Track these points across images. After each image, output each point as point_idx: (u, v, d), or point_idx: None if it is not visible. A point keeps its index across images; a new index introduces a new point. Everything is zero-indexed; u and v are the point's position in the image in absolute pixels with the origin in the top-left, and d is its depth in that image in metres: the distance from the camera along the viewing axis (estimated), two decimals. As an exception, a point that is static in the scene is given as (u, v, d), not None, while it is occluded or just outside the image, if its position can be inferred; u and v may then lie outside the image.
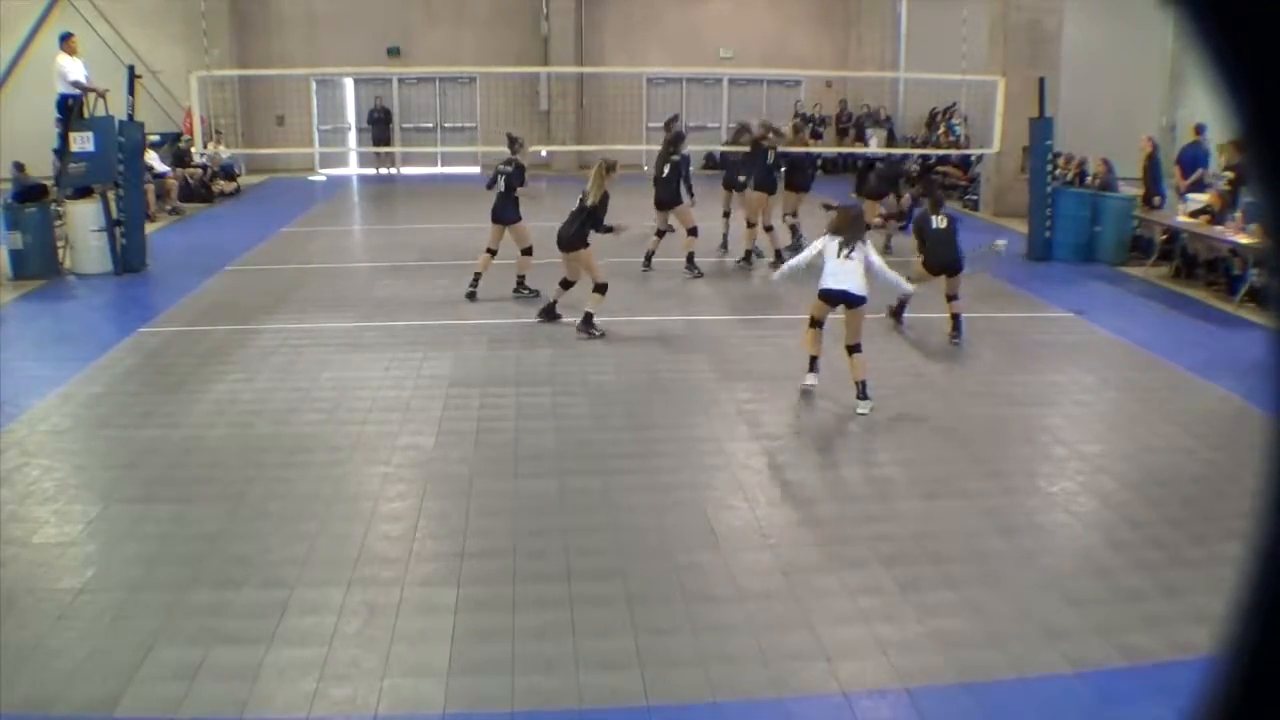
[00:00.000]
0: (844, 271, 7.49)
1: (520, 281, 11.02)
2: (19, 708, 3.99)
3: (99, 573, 5.15)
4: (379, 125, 22.06)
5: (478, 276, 10.84)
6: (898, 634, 4.59)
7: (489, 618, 4.71)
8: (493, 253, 10.90)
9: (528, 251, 10.83)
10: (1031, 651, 4.48)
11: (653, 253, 12.29)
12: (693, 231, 12.08)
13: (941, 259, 9.35)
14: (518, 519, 5.77)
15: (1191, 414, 7.66)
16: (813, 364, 7.79)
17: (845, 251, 7.52)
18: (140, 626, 4.59)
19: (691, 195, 12.26)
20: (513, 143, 11.00)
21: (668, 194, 12.16)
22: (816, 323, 7.74)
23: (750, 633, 4.59)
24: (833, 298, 7.57)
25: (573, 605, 4.78)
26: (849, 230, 7.59)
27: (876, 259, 7.67)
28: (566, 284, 9.89)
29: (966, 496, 6.12)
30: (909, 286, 8.56)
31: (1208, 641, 4.27)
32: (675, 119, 14.08)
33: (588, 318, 9.41)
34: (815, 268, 7.78)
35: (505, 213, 10.76)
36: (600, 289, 9.42)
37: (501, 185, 10.78)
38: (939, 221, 9.51)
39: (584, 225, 9.50)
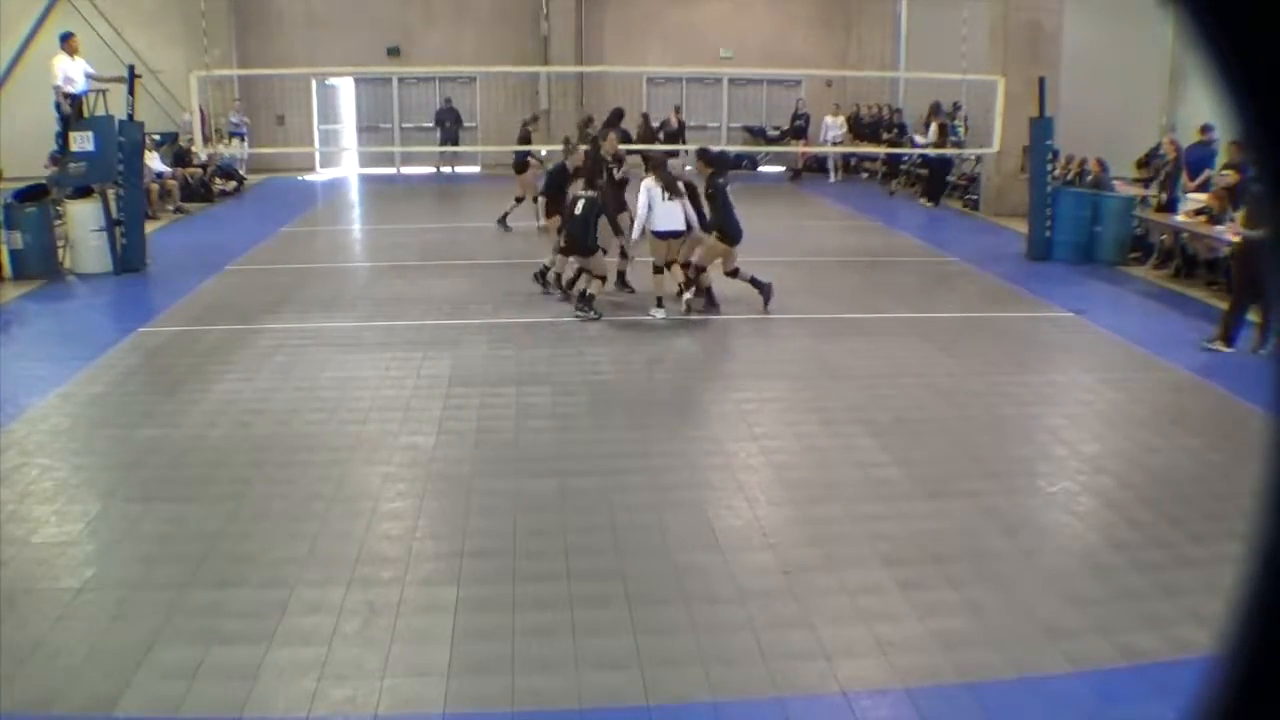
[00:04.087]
0: (671, 212, 9.75)
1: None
2: (19, 707, 3.99)
3: (99, 572, 5.15)
4: (446, 126, 21.96)
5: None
6: (898, 634, 4.59)
7: (489, 618, 4.71)
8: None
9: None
10: (1031, 651, 4.48)
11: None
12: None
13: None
14: (518, 519, 5.77)
15: (1191, 414, 7.66)
16: (659, 301, 9.92)
17: (667, 195, 9.68)
18: (140, 626, 4.59)
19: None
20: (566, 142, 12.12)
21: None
22: (659, 269, 9.87)
23: (750, 633, 4.58)
24: (665, 236, 9.80)
25: (573, 605, 4.78)
26: (665, 176, 9.76)
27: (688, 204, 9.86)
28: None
29: (966, 496, 6.11)
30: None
31: (1208, 641, 4.28)
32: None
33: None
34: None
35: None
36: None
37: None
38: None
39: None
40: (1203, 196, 12.66)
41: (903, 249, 14.47)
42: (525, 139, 15.24)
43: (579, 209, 9.92)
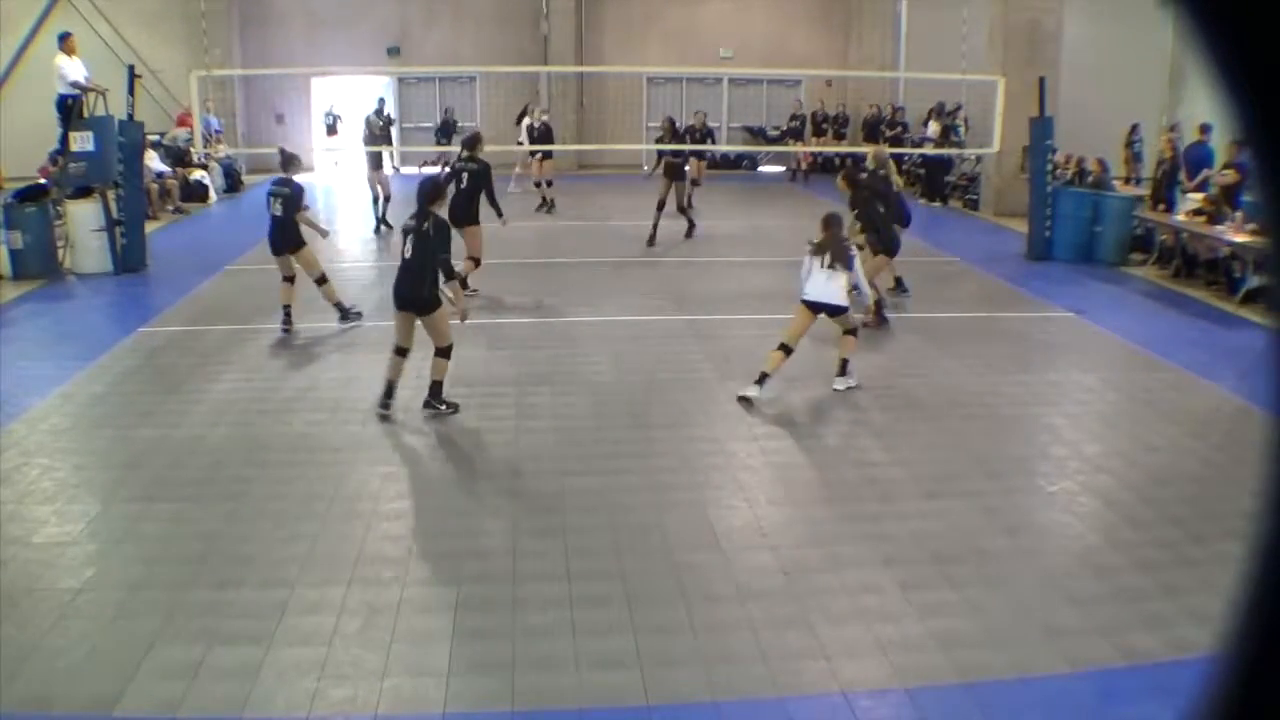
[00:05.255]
0: (827, 284, 7.75)
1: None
2: (19, 707, 4.00)
3: (99, 572, 5.15)
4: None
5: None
6: (898, 634, 4.59)
7: (489, 617, 4.71)
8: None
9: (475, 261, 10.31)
10: (1031, 651, 4.49)
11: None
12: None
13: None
14: (518, 519, 5.77)
15: (1191, 414, 7.66)
16: (763, 379, 7.73)
17: (827, 264, 7.74)
18: (140, 626, 4.59)
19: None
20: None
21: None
22: (786, 348, 7.79)
23: (750, 633, 4.59)
24: (815, 308, 7.84)
25: (573, 605, 4.78)
26: (831, 248, 7.78)
27: (858, 269, 7.94)
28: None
29: (966, 496, 6.12)
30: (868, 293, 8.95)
31: (1208, 641, 4.28)
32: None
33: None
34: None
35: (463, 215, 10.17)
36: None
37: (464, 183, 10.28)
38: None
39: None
40: (1199, 196, 12.67)
41: (902, 249, 14.44)
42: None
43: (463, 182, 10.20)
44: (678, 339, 9.57)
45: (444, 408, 7.37)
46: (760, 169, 22.97)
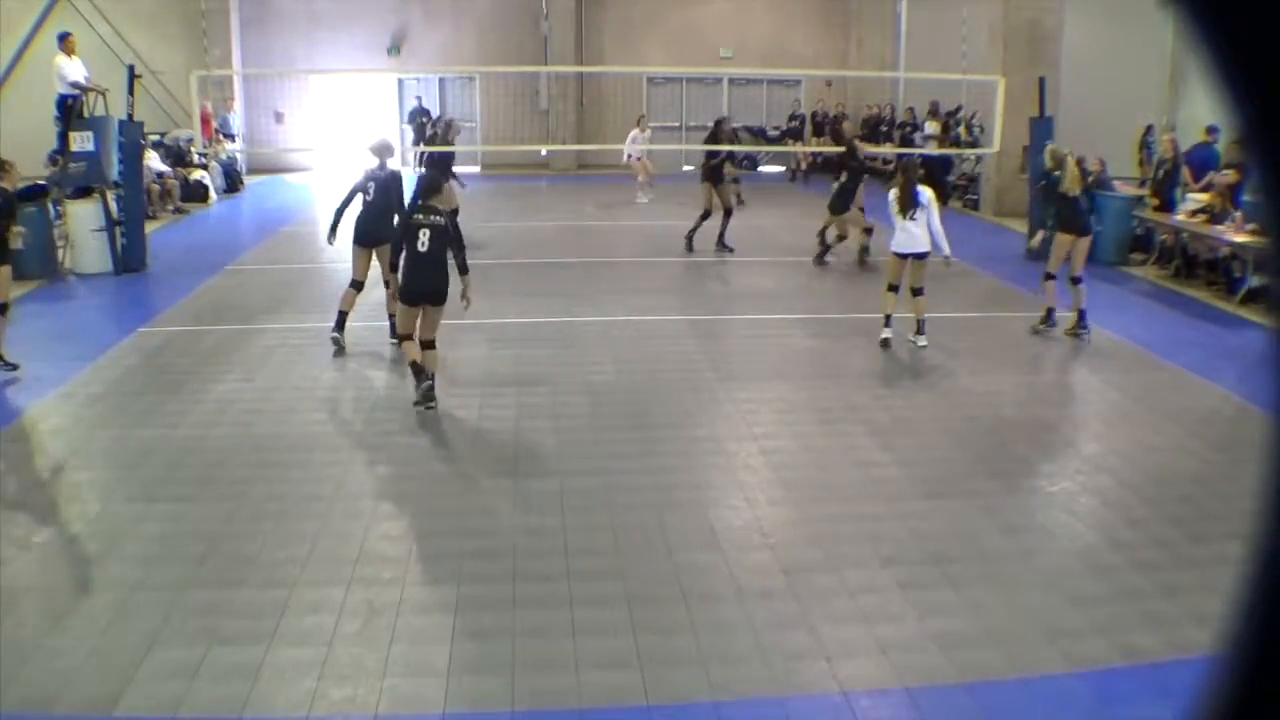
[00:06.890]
0: (911, 232, 8.94)
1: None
2: (19, 707, 4.00)
3: (99, 572, 5.15)
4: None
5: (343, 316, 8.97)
6: (898, 634, 4.59)
7: (489, 618, 4.71)
8: (359, 285, 9.07)
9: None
10: (1031, 651, 4.49)
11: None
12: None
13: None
14: (518, 519, 5.77)
15: (1191, 414, 7.66)
16: (888, 320, 9.09)
17: (910, 214, 8.90)
18: (140, 626, 4.59)
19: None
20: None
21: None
22: (893, 287, 9.07)
23: (750, 632, 4.59)
24: (903, 258, 9.03)
25: (573, 605, 4.78)
26: (907, 194, 8.90)
27: (935, 219, 9.03)
28: None
29: (966, 496, 6.12)
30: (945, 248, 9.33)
31: (1208, 641, 4.28)
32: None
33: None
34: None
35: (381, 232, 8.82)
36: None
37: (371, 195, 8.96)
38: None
39: None
40: (1204, 196, 12.65)
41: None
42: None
43: None
44: (678, 339, 9.56)
45: (433, 404, 7.31)
46: (760, 169, 22.96)
